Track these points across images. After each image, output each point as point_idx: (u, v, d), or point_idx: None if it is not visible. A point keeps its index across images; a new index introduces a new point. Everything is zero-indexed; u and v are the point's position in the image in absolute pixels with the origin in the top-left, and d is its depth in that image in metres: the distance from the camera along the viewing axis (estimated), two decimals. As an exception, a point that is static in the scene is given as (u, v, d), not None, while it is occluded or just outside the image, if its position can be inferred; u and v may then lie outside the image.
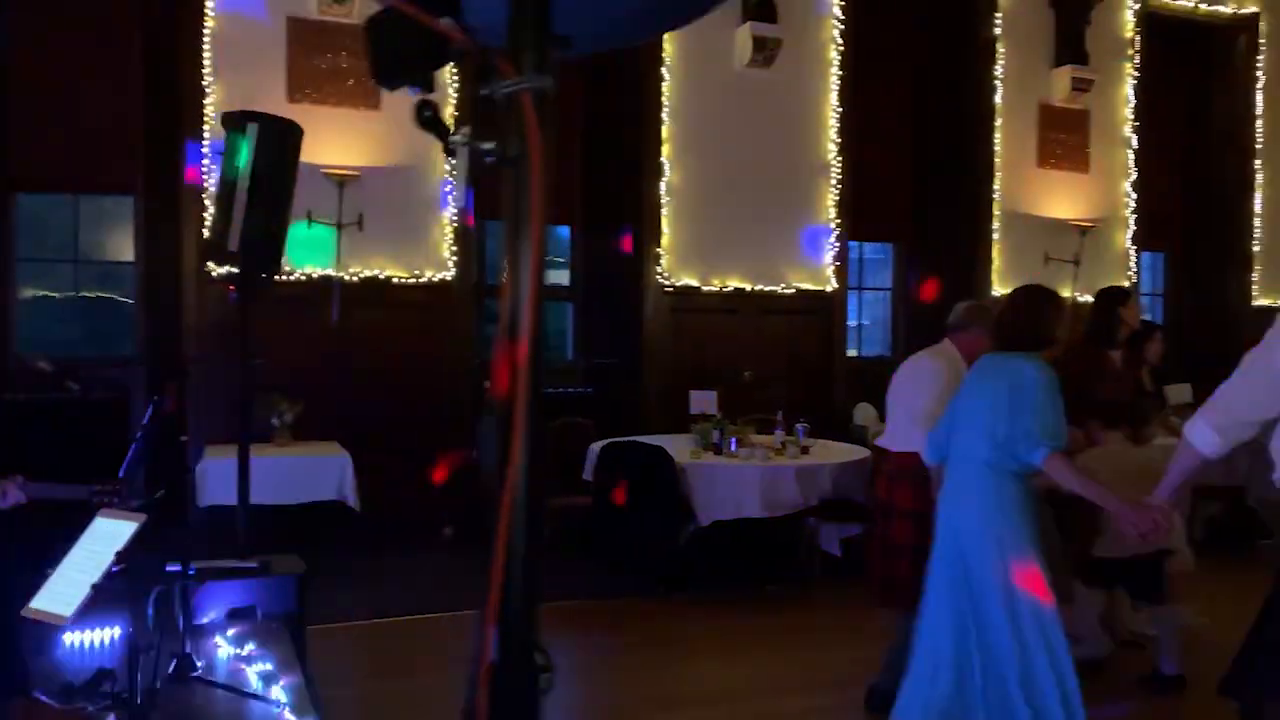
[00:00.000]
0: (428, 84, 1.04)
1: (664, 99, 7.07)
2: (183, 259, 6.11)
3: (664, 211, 7.09)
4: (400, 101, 6.40)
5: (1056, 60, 8.19)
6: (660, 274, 7.10)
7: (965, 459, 3.15)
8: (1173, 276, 9.39)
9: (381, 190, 6.38)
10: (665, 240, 7.11)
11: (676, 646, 4.84)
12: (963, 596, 3.10)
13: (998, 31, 7.99)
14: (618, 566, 5.60)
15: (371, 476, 5.70)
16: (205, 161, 6.09)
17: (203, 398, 5.93)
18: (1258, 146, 8.95)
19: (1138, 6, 8.46)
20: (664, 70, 7.07)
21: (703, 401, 6.41)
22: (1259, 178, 8.96)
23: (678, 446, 5.81)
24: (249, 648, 2.64)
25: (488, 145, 0.97)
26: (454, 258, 6.62)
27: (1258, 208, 8.94)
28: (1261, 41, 8.92)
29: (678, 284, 7.15)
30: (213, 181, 6.10)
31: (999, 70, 7.99)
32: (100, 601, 2.17)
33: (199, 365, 5.97)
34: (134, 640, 1.86)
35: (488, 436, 1.05)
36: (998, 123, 7.99)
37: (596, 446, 6.19)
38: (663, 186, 7.08)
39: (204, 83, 6.09)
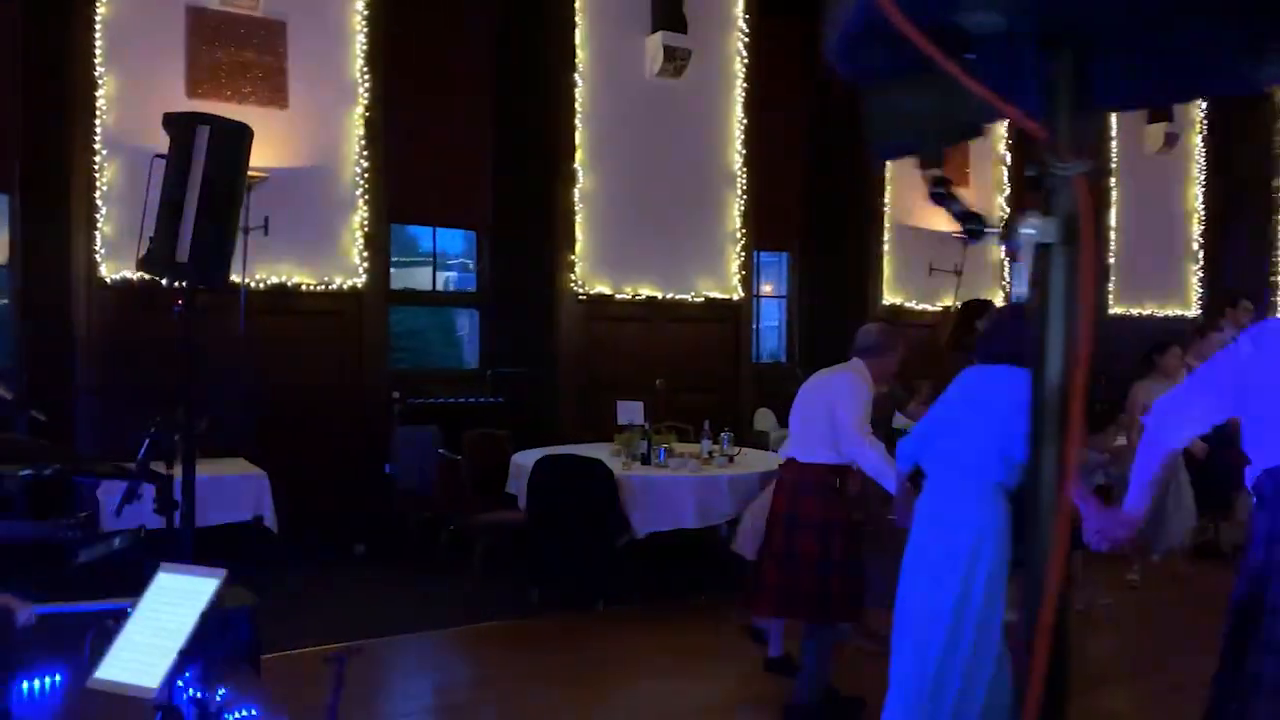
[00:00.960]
0: (939, 159, 1.00)
1: (577, 105, 7.01)
2: (71, 264, 5.66)
3: (577, 218, 7.04)
4: (309, 100, 6.16)
5: (940, 79, 8.57)
6: (574, 282, 7.04)
7: (963, 475, 3.12)
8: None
9: (289, 193, 6.07)
10: (579, 247, 7.06)
11: (620, 665, 4.81)
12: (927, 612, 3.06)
13: (888, 49, 8.29)
14: (555, 583, 5.52)
15: (280, 492, 5.42)
16: (97, 159, 5.65)
17: (97, 414, 5.51)
18: (1111, 164, 9.62)
19: (1011, 31, 8.95)
20: (577, 76, 7.01)
21: (630, 411, 6.39)
22: (1113, 194, 9.65)
23: (602, 458, 5.80)
24: (219, 691, 2.43)
25: (1033, 227, 0.93)
26: (364, 263, 6.38)
27: (1114, 221, 9.62)
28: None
29: (591, 292, 7.12)
30: (104, 182, 5.69)
31: (889, 87, 8.30)
32: (31, 643, 1.98)
33: (91, 381, 5.54)
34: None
35: None
36: (888, 137, 8.29)
37: (520, 458, 6.10)
38: (576, 193, 7.03)
39: (95, 74, 5.64)
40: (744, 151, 7.67)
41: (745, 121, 7.67)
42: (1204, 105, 10.23)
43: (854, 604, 3.95)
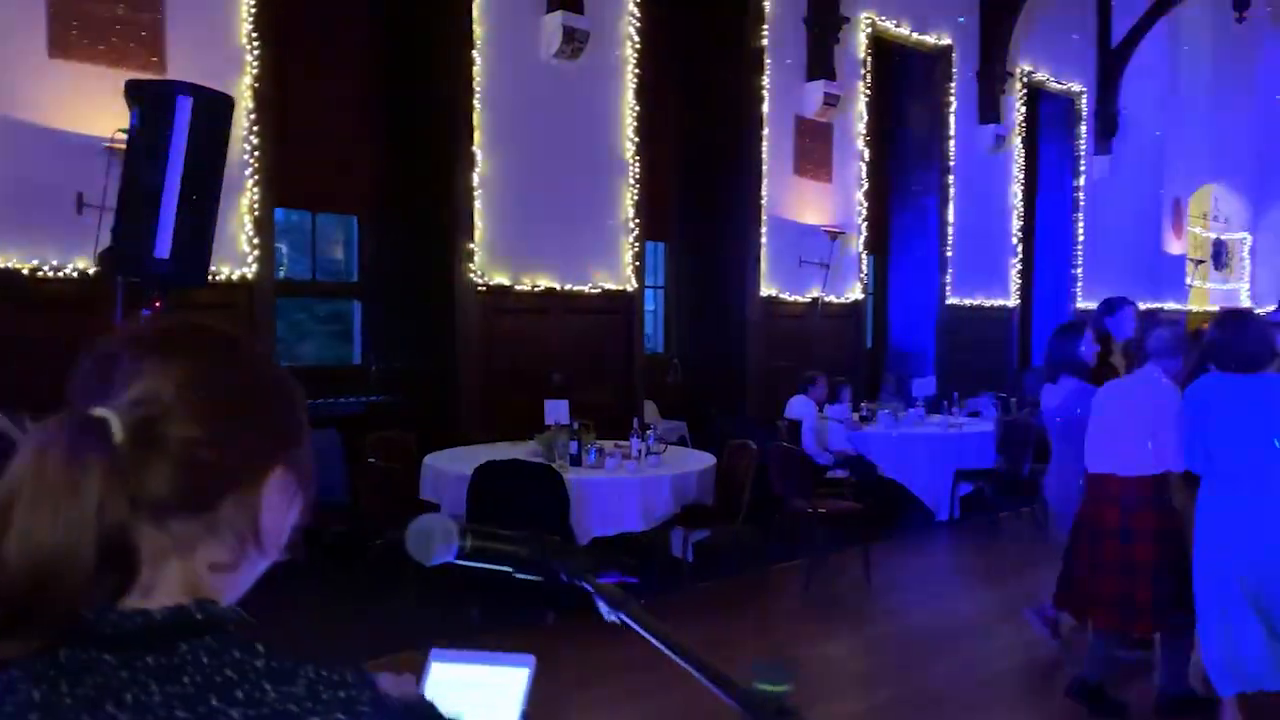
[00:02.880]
0: None
1: (476, 85, 6.61)
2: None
3: (476, 205, 6.66)
4: (190, 66, 5.45)
5: (809, 75, 8.75)
6: (473, 272, 6.66)
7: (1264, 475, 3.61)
8: (879, 276, 10.45)
9: (169, 170, 5.35)
10: (478, 235, 6.68)
11: (581, 682, 4.60)
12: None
13: (765, 43, 8.37)
14: (498, 598, 5.20)
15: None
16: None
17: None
18: (951, 163, 10.18)
19: (869, 31, 9.27)
20: (475, 54, 6.61)
21: (557, 410, 6.12)
22: (952, 191, 10.21)
23: (522, 458, 5.53)
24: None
25: None
26: (255, 251, 5.74)
27: (951, 217, 10.19)
28: (954, 70, 10.16)
29: (491, 283, 6.76)
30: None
31: (765, 81, 8.39)
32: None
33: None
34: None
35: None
36: (765, 131, 8.39)
37: (435, 462, 5.72)
38: (475, 178, 6.64)
39: (-65, 22, 4.74)
40: (636, 140, 7.52)
41: (637, 109, 7.51)
42: (1024, 109, 11.01)
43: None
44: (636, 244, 7.55)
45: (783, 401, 7.94)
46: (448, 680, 1.37)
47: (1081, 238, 11.86)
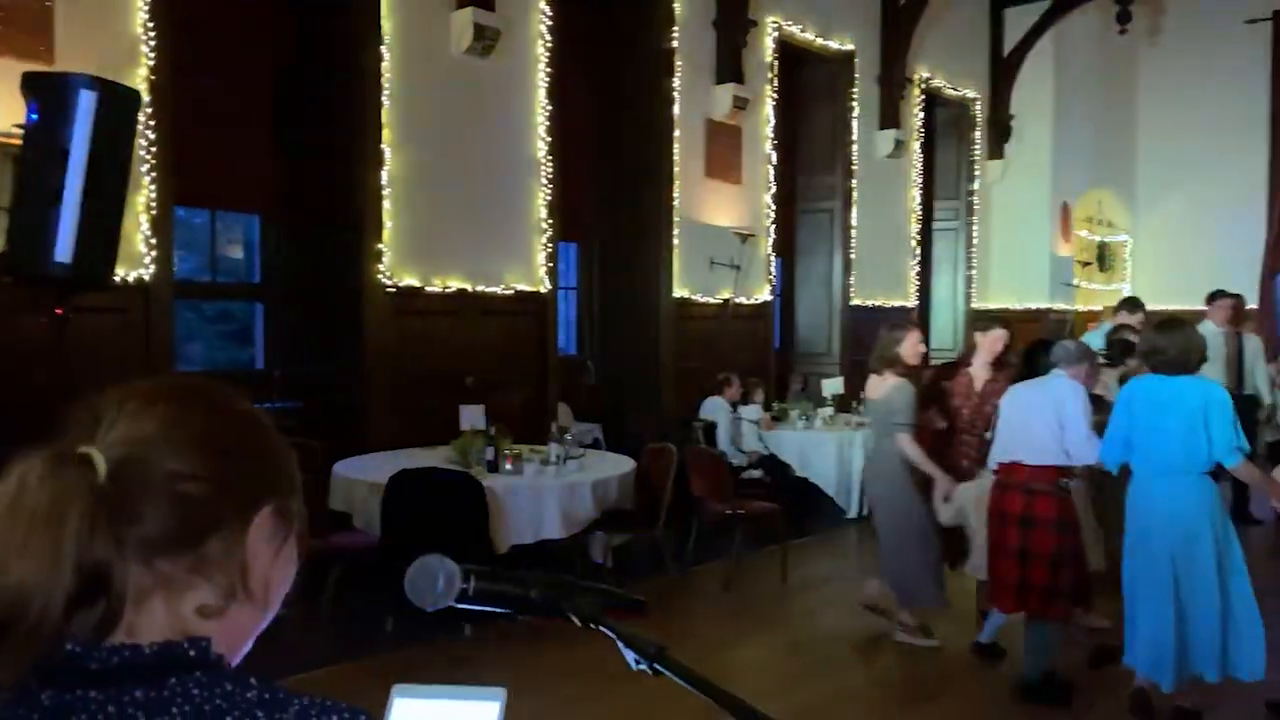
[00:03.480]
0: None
1: (384, 81, 6.43)
2: None
3: (385, 204, 6.47)
4: (80, 50, 5.15)
5: (718, 78, 8.79)
6: (382, 272, 6.48)
7: (1185, 468, 3.92)
8: (786, 278, 10.58)
9: (58, 165, 5.04)
10: (386, 235, 6.50)
11: (511, 693, 4.51)
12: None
13: (675, 45, 8.37)
14: (416, 609, 5.06)
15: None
16: None
17: None
18: (853, 167, 10.37)
19: (776, 35, 9.37)
20: (383, 49, 6.43)
21: (472, 416, 5.99)
22: (854, 194, 10.40)
23: (437, 465, 5.41)
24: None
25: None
26: (153, 251, 5.46)
27: (854, 220, 10.38)
28: (856, 75, 10.34)
29: (400, 284, 6.58)
30: None
31: (675, 83, 8.39)
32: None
33: None
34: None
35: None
36: (676, 133, 8.40)
37: (345, 471, 5.54)
38: (384, 176, 6.45)
39: None
40: (548, 139, 7.43)
41: (549, 108, 7.42)
42: (921, 115, 11.28)
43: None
44: (549, 245, 7.46)
45: (696, 402, 7.97)
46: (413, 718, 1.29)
47: (975, 240, 12.23)
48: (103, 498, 0.74)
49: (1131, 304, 7.43)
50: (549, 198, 7.45)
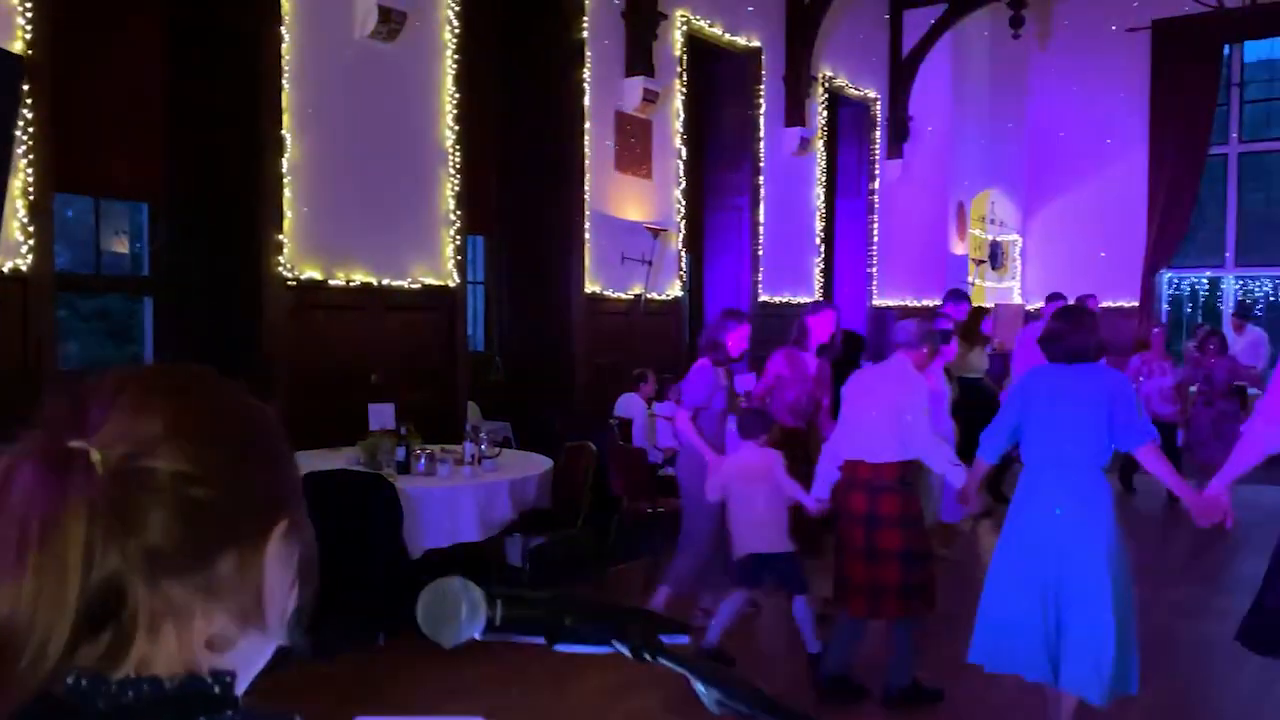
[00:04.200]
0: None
1: (284, 64, 6.11)
2: None
3: (285, 193, 6.15)
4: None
5: (628, 70, 8.67)
6: (282, 265, 6.15)
7: (1077, 462, 3.74)
8: (695, 274, 10.54)
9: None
10: (287, 225, 6.17)
11: (422, 706, 4.31)
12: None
13: (585, 35, 8.22)
14: (323, 621, 4.79)
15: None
16: None
17: None
18: (761, 164, 10.39)
19: (685, 29, 9.30)
20: (283, 30, 6.10)
21: (381, 415, 5.73)
22: (762, 191, 10.42)
23: (343, 467, 5.17)
24: None
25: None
26: (30, 240, 5.05)
27: (761, 217, 10.40)
28: (763, 72, 10.36)
29: (301, 278, 6.27)
30: None
31: (586, 74, 8.24)
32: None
33: None
34: None
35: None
36: (586, 125, 8.25)
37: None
38: (284, 164, 6.13)
39: None
40: (456, 128, 7.19)
41: (457, 96, 7.18)
42: (825, 114, 11.38)
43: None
44: (458, 237, 7.22)
45: (608, 399, 7.85)
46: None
47: (876, 238, 12.42)
48: (104, 502, 0.63)
49: (956, 295, 7.85)
50: (457, 189, 7.21)
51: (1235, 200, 13.98)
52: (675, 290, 9.29)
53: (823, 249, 11.56)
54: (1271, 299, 13.81)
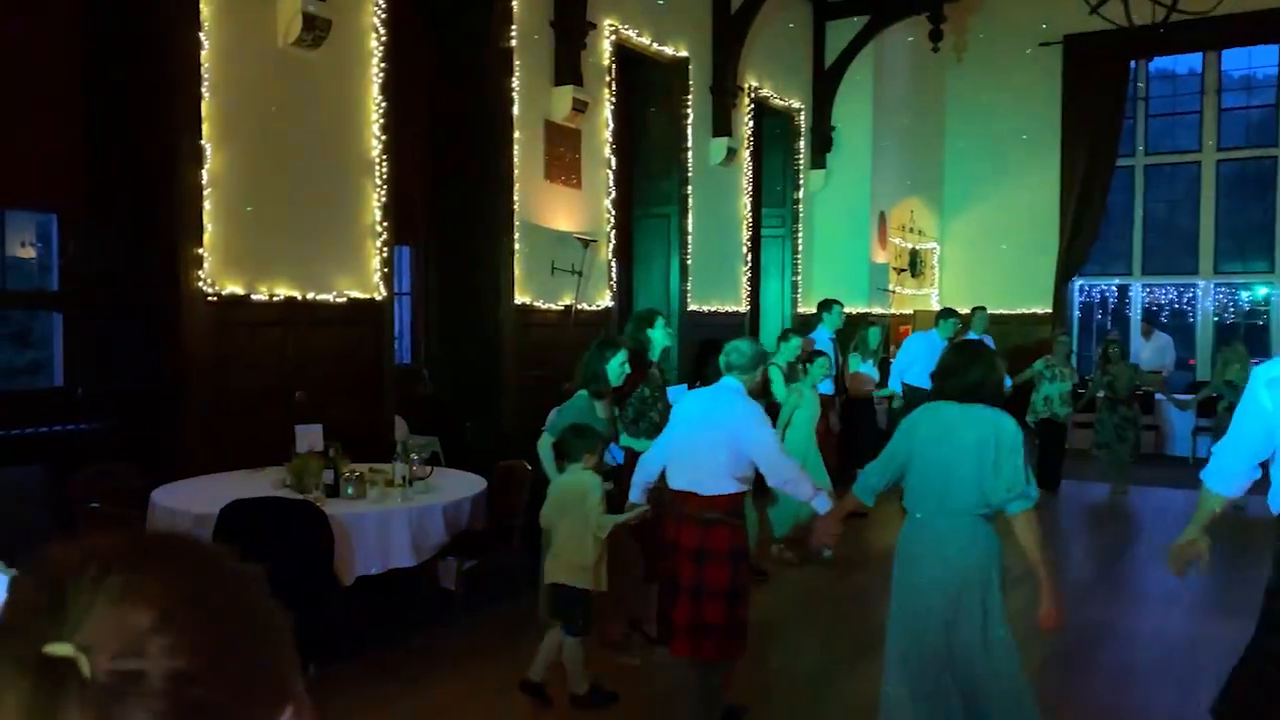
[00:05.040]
0: None
1: (204, 71, 5.88)
2: None
3: (205, 205, 5.93)
4: None
5: (557, 79, 8.59)
6: (202, 280, 5.93)
7: (957, 509, 3.43)
8: (625, 284, 10.49)
9: None
10: (207, 238, 5.95)
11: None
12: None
13: (514, 45, 8.12)
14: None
15: None
16: None
17: None
18: (689, 173, 10.40)
19: (614, 38, 9.25)
20: (202, 36, 5.88)
21: (309, 436, 5.55)
22: (690, 201, 10.43)
23: (267, 492, 5.01)
24: None
25: None
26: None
27: (692, 226, 10.41)
28: (690, 83, 10.37)
29: (222, 293, 6.05)
30: None
31: (515, 83, 8.14)
32: None
33: None
34: None
35: None
36: (515, 134, 8.14)
37: (164, 500, 5.03)
38: (204, 174, 5.91)
39: None
40: (383, 137, 7.03)
41: (383, 105, 7.02)
42: (751, 124, 11.45)
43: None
44: (384, 249, 7.06)
45: (540, 412, 7.73)
46: None
47: (800, 247, 12.55)
48: (94, 716, 0.57)
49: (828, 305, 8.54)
50: (384, 199, 7.05)
51: (1142, 210, 14.48)
52: (605, 300, 9.24)
53: (750, 258, 11.63)
54: (1176, 305, 14.33)
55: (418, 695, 4.63)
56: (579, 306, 8.77)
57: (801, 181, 12.54)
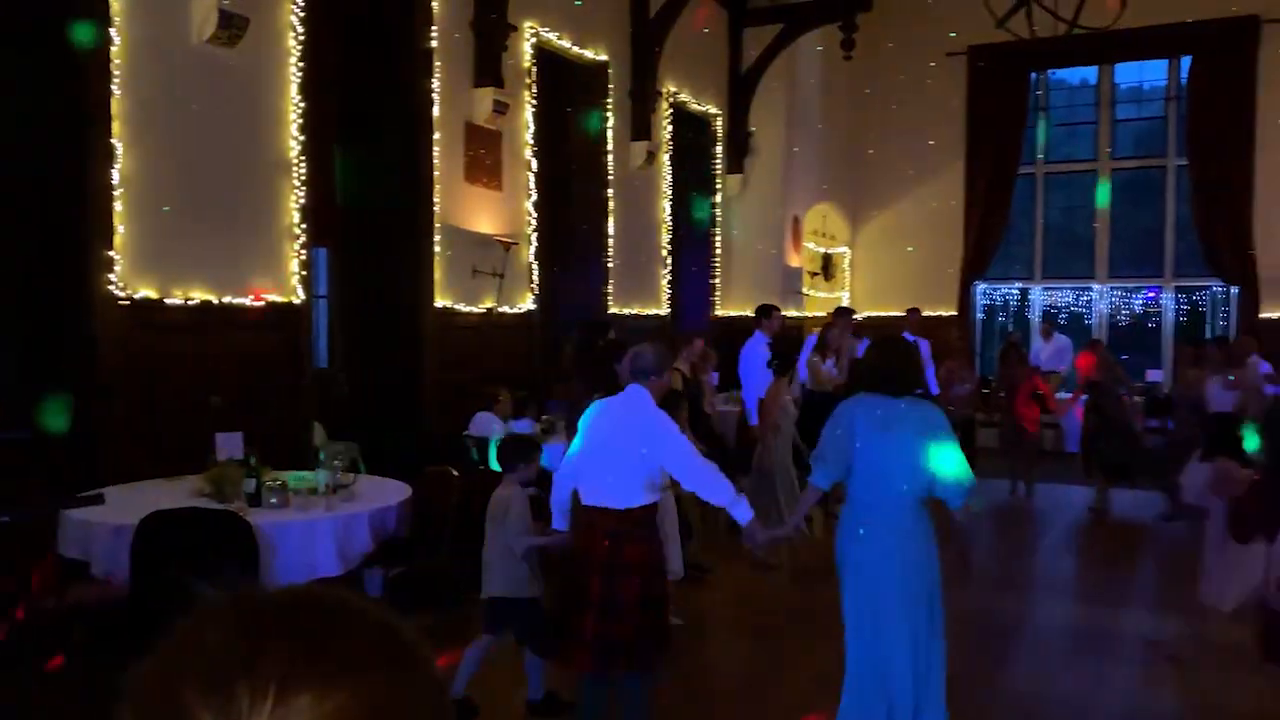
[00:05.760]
0: None
1: (114, 68, 5.70)
2: None
3: (117, 205, 5.74)
4: None
5: (477, 81, 8.54)
6: (114, 284, 5.74)
7: (901, 492, 3.71)
8: (546, 287, 10.46)
9: None
10: (119, 241, 5.77)
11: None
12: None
13: (434, 45, 8.04)
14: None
15: None
16: None
17: None
18: (609, 177, 10.44)
19: (534, 40, 9.24)
20: (113, 32, 5.69)
21: (230, 444, 5.41)
22: (610, 204, 10.46)
23: (189, 502, 4.89)
24: None
25: None
26: None
27: (612, 229, 10.45)
28: (610, 86, 10.41)
29: (136, 296, 5.86)
30: None
31: (435, 84, 8.06)
32: None
33: None
34: None
35: None
36: (436, 136, 8.07)
37: (78, 513, 4.85)
38: (115, 174, 5.72)
39: None
40: (301, 138, 6.89)
41: (302, 104, 6.89)
42: (670, 128, 11.55)
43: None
44: (303, 251, 6.93)
45: (459, 417, 7.70)
46: None
47: (719, 251, 12.70)
48: None
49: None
50: (302, 201, 6.91)
51: (1042, 217, 15.03)
52: (527, 303, 9.22)
53: (670, 261, 11.72)
54: (1074, 308, 14.92)
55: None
56: (500, 309, 8.73)
57: (719, 186, 12.69)
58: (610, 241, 10.44)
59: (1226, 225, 12.86)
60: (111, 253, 5.72)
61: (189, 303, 6.16)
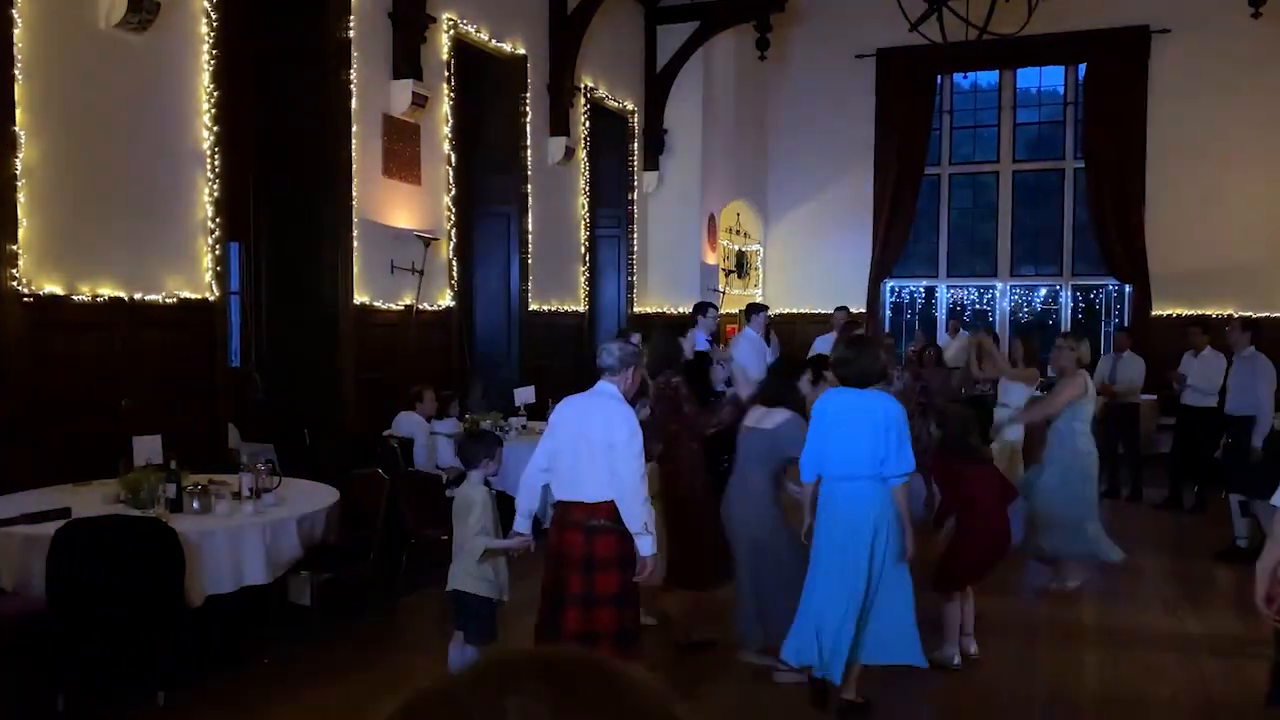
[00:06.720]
0: None
1: (16, 52, 5.39)
2: None
3: (20, 197, 5.44)
4: None
5: (395, 73, 8.36)
6: (16, 279, 5.44)
7: (867, 476, 4.24)
8: (465, 283, 10.31)
9: None
10: (22, 234, 5.47)
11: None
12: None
13: (351, 36, 7.84)
14: (92, 682, 4.27)
15: None
16: None
17: None
18: (528, 172, 10.33)
19: (452, 33, 9.08)
20: (14, 14, 5.39)
21: (148, 448, 5.18)
22: (529, 199, 10.36)
23: (104, 509, 4.69)
24: None
25: None
26: None
27: (531, 225, 10.35)
28: (528, 80, 10.31)
29: (40, 293, 5.57)
30: None
31: (352, 76, 7.86)
32: None
33: None
34: None
35: None
36: (353, 129, 7.87)
37: None
38: (18, 164, 5.42)
39: None
40: (214, 129, 6.64)
41: (215, 94, 6.63)
42: (588, 124, 11.49)
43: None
44: (217, 247, 6.68)
45: (379, 417, 7.54)
46: None
47: (635, 248, 12.71)
48: None
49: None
50: (216, 194, 6.67)
51: (947, 216, 15.45)
52: (446, 300, 9.07)
53: (587, 258, 11.67)
54: (978, 306, 15.39)
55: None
56: (420, 306, 8.57)
57: (636, 183, 12.68)
58: (530, 238, 10.33)
59: (1120, 226, 13.42)
60: (14, 247, 5.42)
61: (97, 299, 5.87)
